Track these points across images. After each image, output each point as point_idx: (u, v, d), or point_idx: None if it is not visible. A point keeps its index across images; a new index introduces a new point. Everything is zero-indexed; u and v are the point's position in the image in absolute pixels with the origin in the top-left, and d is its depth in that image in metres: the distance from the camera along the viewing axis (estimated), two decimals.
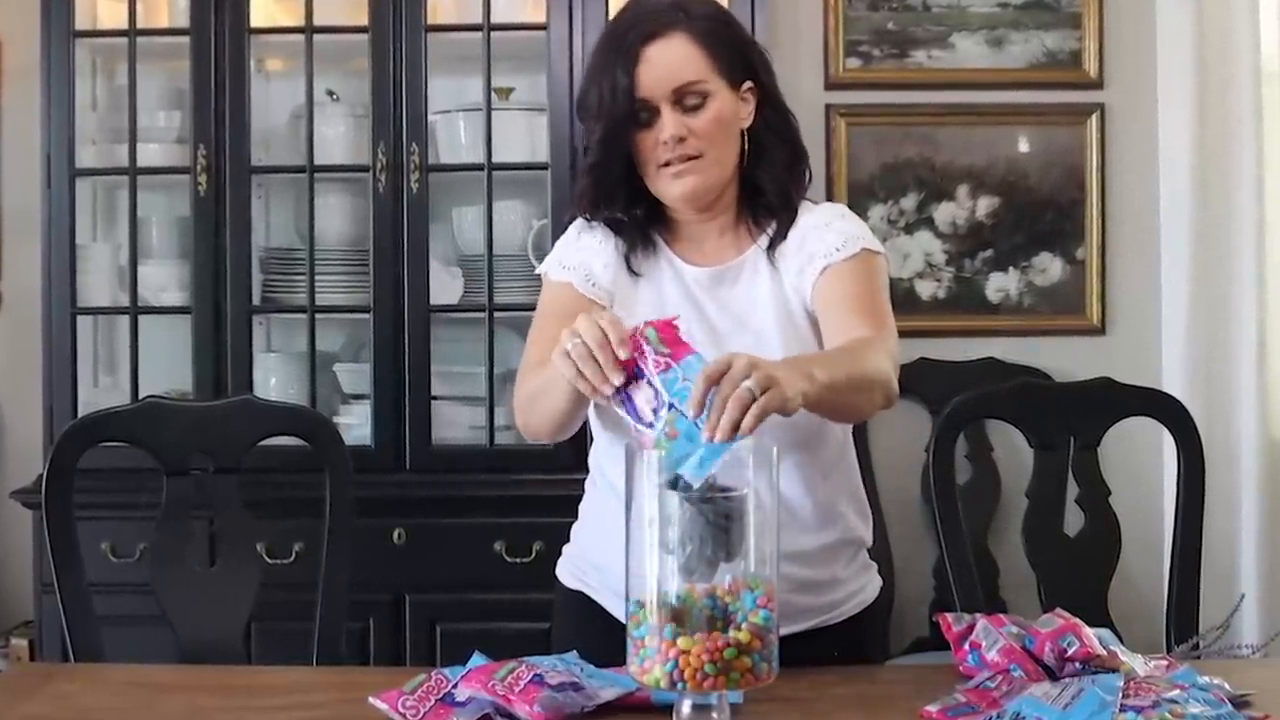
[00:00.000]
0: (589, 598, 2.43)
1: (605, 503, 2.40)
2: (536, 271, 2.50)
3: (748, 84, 2.37)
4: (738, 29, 2.41)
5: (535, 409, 2.28)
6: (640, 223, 2.41)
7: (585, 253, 2.42)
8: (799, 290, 2.35)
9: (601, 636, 1.95)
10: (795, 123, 2.43)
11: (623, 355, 1.94)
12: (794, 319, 2.35)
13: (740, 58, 2.36)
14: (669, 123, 2.30)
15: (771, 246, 2.38)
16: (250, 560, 2.75)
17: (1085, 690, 2.01)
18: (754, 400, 1.88)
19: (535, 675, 2.04)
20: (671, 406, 1.92)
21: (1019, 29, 4.34)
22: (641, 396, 1.93)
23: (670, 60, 2.30)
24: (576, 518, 2.54)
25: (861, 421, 2.41)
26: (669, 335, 1.96)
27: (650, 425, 1.92)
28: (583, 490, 2.54)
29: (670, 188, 2.35)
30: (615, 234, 2.42)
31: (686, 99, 2.31)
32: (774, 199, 2.40)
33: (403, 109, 3.80)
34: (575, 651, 2.21)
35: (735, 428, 1.88)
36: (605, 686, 2.08)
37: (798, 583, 2.31)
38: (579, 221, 2.47)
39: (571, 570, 2.51)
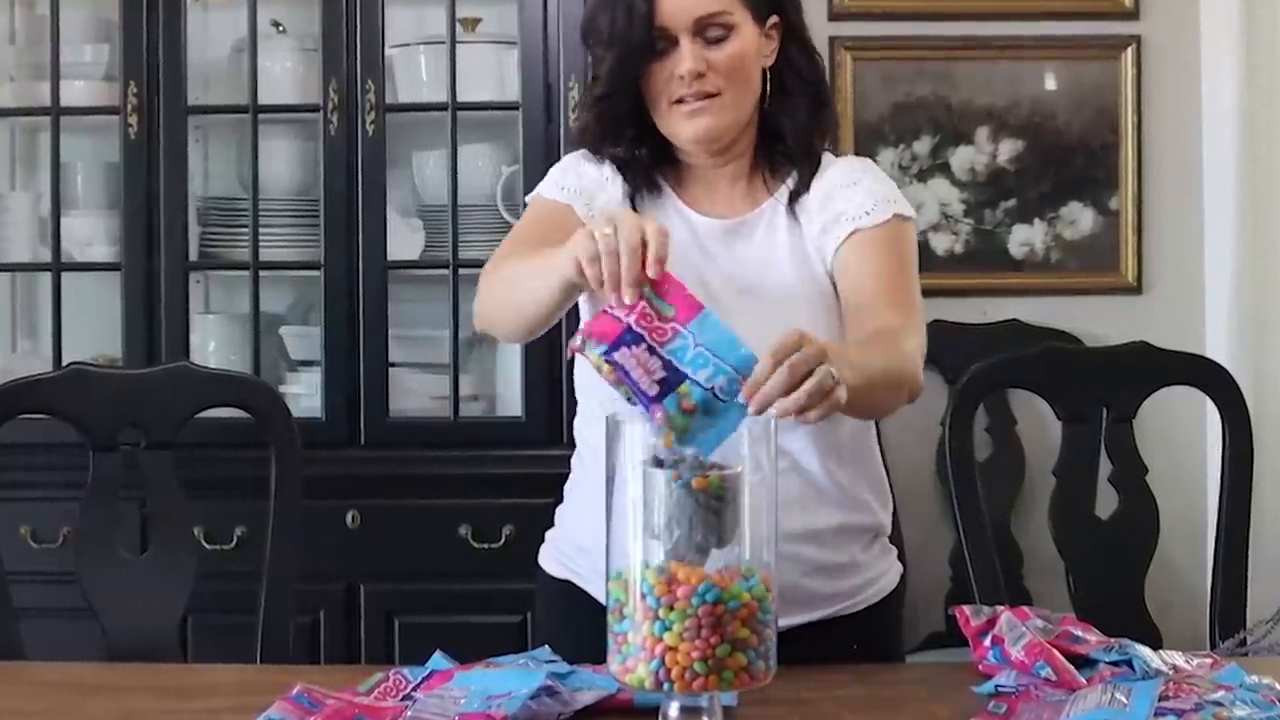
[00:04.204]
0: (576, 586, 2.44)
1: (592, 479, 2.39)
2: (526, 198, 2.50)
3: (773, 19, 2.39)
4: None
5: (508, 295, 2.26)
6: (645, 165, 2.43)
7: (587, 180, 2.43)
8: (821, 250, 2.37)
9: (590, 628, 1.95)
10: (821, 63, 2.46)
11: (652, 273, 1.92)
12: (816, 280, 2.37)
13: None
14: (687, 55, 2.31)
15: (792, 199, 2.40)
16: (186, 546, 2.75)
17: (1135, 688, 2.03)
18: (834, 389, 1.90)
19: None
20: (688, 379, 1.88)
21: None
22: (638, 365, 1.90)
23: None
24: (551, 498, 2.56)
25: (881, 418, 2.43)
26: (671, 287, 1.93)
27: (654, 399, 1.88)
28: (561, 468, 2.55)
29: (683, 127, 2.36)
30: (620, 174, 2.42)
31: (709, 30, 2.32)
32: (794, 146, 2.42)
33: (357, 42, 3.78)
34: (554, 647, 2.23)
35: (799, 410, 1.87)
36: (582, 689, 2.08)
37: (814, 566, 2.34)
38: (579, 151, 2.48)
39: (556, 557, 2.52)
